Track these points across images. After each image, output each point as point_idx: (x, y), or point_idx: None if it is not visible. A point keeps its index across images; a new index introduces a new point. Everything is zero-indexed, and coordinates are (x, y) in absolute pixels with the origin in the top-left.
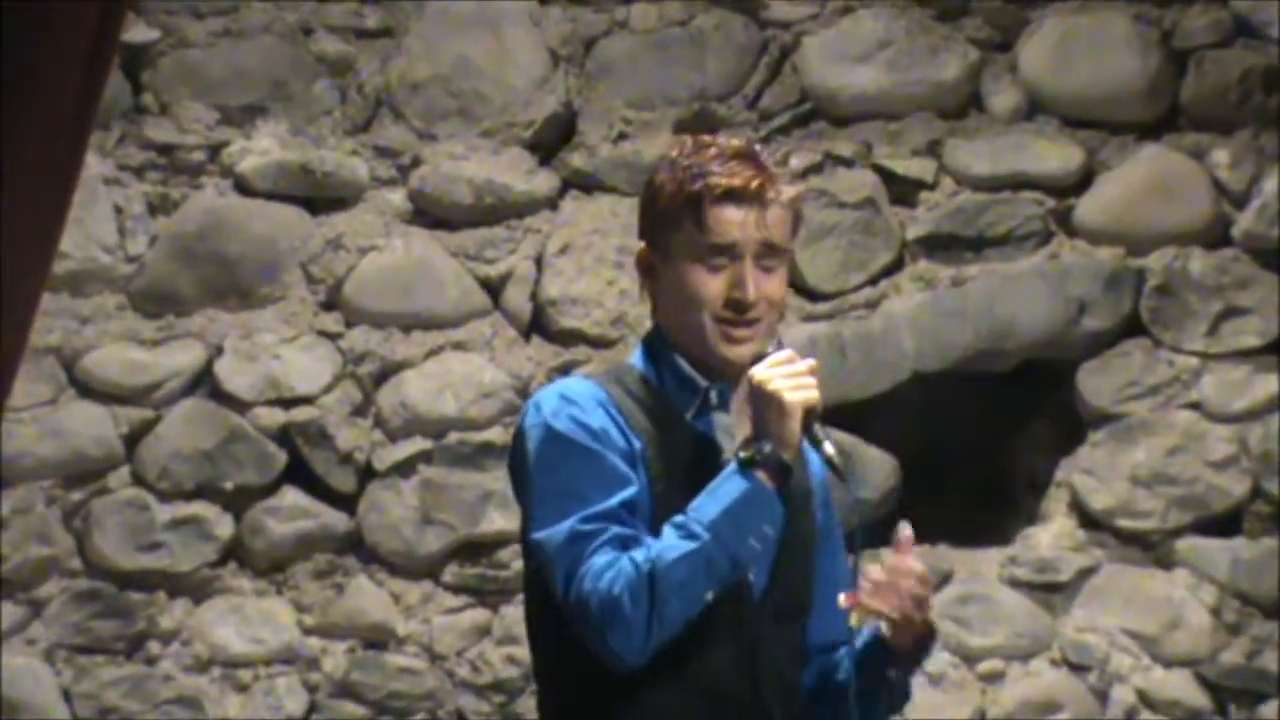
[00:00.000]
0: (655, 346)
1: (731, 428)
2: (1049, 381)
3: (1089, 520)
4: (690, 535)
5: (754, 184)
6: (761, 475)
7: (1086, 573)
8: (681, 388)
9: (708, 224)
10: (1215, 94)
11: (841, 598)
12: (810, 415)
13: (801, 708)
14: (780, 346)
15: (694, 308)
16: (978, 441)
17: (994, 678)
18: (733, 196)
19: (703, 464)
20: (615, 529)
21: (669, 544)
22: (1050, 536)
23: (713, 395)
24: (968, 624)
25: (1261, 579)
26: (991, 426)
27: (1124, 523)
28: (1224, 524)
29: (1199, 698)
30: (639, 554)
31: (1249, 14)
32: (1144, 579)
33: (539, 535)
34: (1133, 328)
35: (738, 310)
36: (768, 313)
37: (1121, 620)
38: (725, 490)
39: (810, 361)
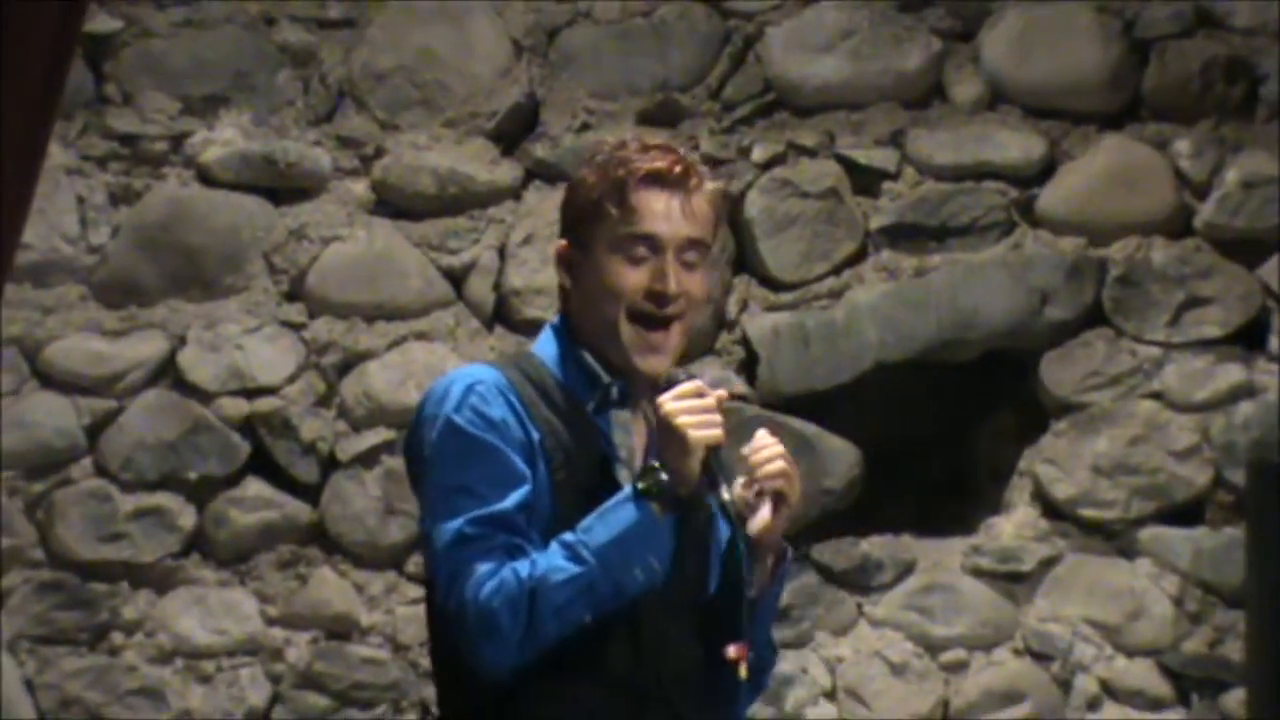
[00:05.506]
0: (561, 337)
1: (629, 424)
2: (1011, 371)
3: (1052, 510)
4: (576, 559)
5: (677, 168)
6: (655, 507)
7: (1049, 562)
8: (583, 380)
9: (631, 208)
10: (1177, 84)
11: (731, 649)
12: (711, 454)
13: (726, 698)
14: (690, 376)
15: (611, 300)
16: (940, 431)
17: (957, 667)
18: (656, 180)
19: (601, 459)
20: (503, 537)
21: (554, 564)
22: (1013, 526)
23: (613, 391)
24: (931, 614)
25: (1223, 568)
26: (954, 416)
27: (1086, 512)
28: (1186, 513)
29: (1161, 687)
30: (523, 568)
31: (1210, 4)
32: (1106, 568)
33: (429, 530)
34: (1095, 318)
35: (657, 303)
36: (687, 311)
37: (1084, 610)
38: (617, 517)
39: (720, 393)
